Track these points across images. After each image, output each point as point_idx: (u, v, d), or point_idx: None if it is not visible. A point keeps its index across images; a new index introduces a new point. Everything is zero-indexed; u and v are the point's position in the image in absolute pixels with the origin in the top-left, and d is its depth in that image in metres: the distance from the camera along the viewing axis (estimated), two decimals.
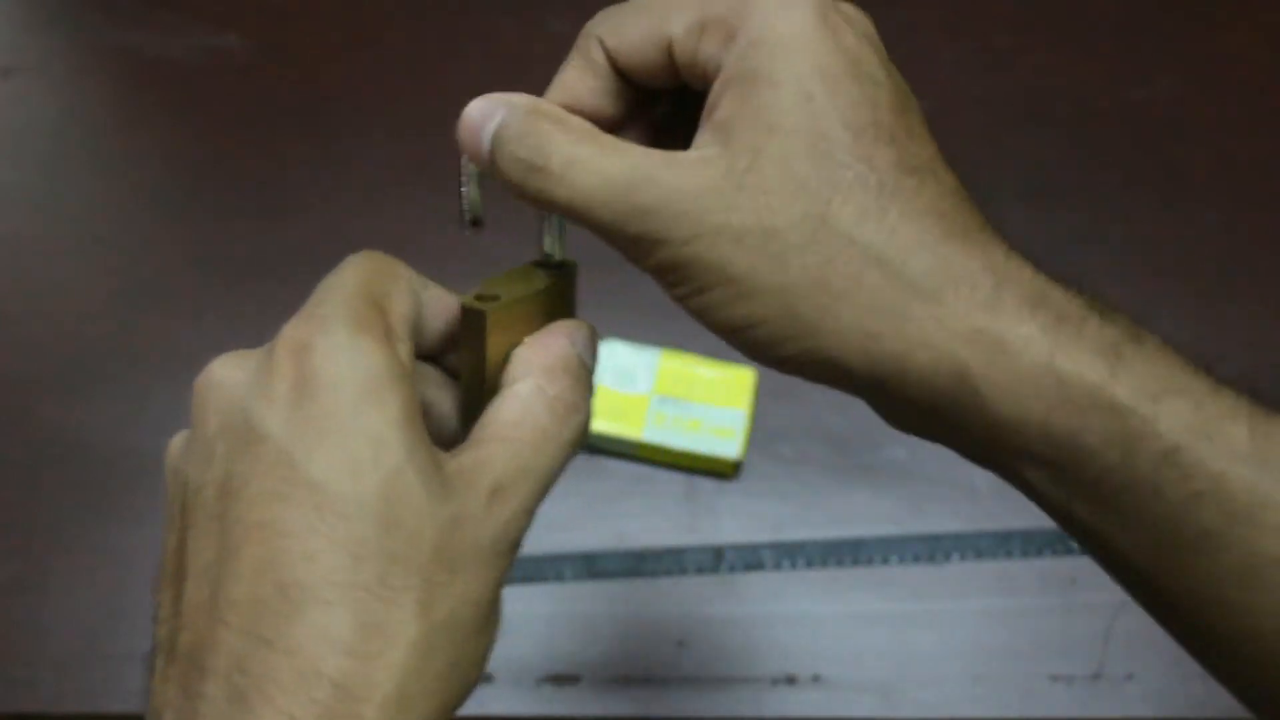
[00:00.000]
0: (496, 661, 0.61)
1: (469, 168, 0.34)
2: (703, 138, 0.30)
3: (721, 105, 0.30)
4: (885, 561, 0.63)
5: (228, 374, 0.29)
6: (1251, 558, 0.28)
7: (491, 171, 0.32)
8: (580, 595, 0.63)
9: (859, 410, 0.69)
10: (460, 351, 0.32)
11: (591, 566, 0.63)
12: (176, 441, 0.31)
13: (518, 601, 0.63)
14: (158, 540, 0.68)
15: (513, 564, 0.30)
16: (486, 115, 0.32)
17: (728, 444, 0.62)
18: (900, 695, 0.61)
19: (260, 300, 0.68)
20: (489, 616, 0.29)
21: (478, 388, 0.32)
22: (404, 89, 0.73)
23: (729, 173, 0.29)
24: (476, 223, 0.35)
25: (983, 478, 0.65)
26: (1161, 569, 0.30)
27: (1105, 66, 0.73)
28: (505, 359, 0.32)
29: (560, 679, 0.61)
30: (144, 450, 0.65)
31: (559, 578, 0.63)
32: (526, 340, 0.32)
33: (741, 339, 0.31)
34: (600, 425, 0.63)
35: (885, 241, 0.29)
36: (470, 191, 0.34)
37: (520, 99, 0.32)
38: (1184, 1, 0.74)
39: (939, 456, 0.69)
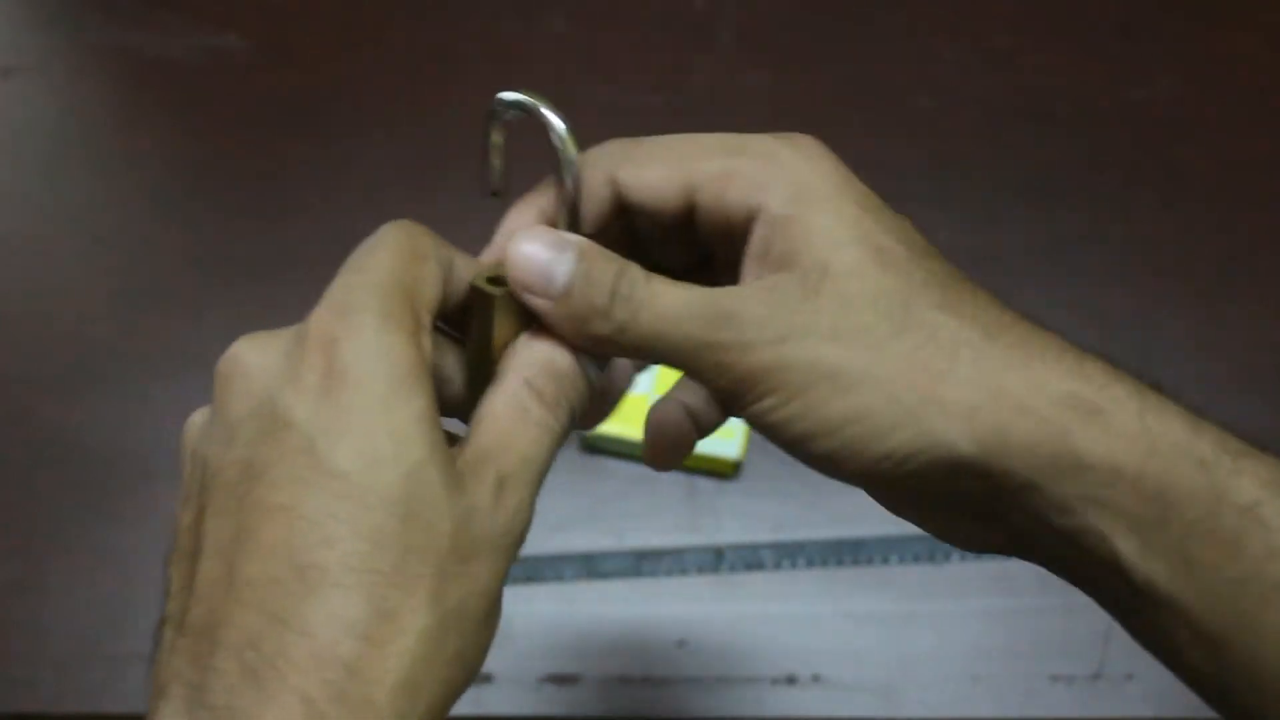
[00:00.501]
0: (496, 661, 0.61)
1: (495, 139, 0.34)
2: (761, 269, 0.31)
3: (777, 241, 0.31)
4: (885, 561, 0.63)
5: (254, 359, 0.30)
6: None
7: (555, 310, 0.32)
8: (580, 595, 0.63)
9: None
10: (470, 324, 0.33)
11: (591, 566, 0.63)
12: (196, 420, 0.32)
13: (518, 601, 0.63)
14: (158, 540, 0.68)
15: (515, 558, 0.30)
16: (552, 261, 0.31)
17: (728, 444, 0.62)
18: (900, 695, 0.61)
19: (260, 300, 0.68)
20: (494, 608, 0.29)
21: (483, 364, 0.32)
22: (404, 89, 0.73)
23: (804, 285, 0.31)
24: (498, 193, 0.35)
25: None
26: (1236, 631, 0.31)
27: (1105, 66, 0.73)
28: (512, 339, 0.32)
29: (560, 679, 0.61)
30: (144, 450, 0.65)
31: (559, 578, 0.63)
32: (527, 331, 0.32)
33: (841, 438, 0.31)
34: (601, 425, 0.63)
35: (968, 324, 0.31)
36: (496, 163, 0.35)
37: (578, 241, 0.32)
38: (1184, 1, 0.74)
39: None
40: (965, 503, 0.32)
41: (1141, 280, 0.68)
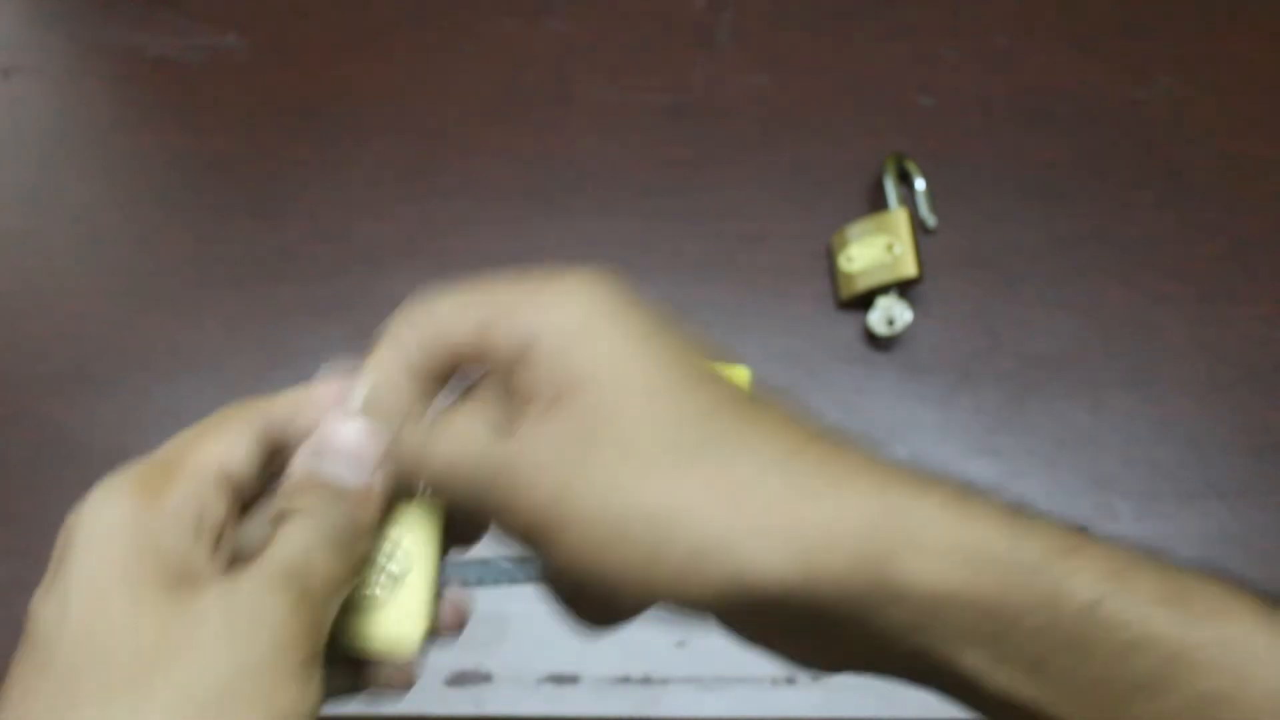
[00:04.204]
0: (496, 661, 0.61)
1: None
2: (540, 408, 0.30)
3: (552, 375, 0.30)
4: None
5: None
6: (1194, 698, 0.28)
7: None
8: None
9: (856, 409, 0.69)
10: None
11: None
12: None
13: (517, 601, 0.63)
14: None
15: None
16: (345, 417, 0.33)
17: None
18: (900, 695, 0.61)
19: (260, 300, 0.68)
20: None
21: None
22: (404, 89, 0.73)
23: (583, 424, 0.29)
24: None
25: (981, 477, 0.64)
26: None
27: (1105, 66, 0.73)
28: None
29: (560, 679, 0.61)
30: (144, 450, 0.65)
31: None
32: None
33: (647, 579, 0.29)
34: None
35: (767, 446, 0.29)
36: None
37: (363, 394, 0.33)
38: (1184, 1, 0.74)
39: (937, 456, 0.69)
40: (804, 631, 0.30)
41: (1141, 280, 0.68)
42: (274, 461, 0.34)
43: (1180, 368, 0.66)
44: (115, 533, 0.30)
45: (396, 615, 0.34)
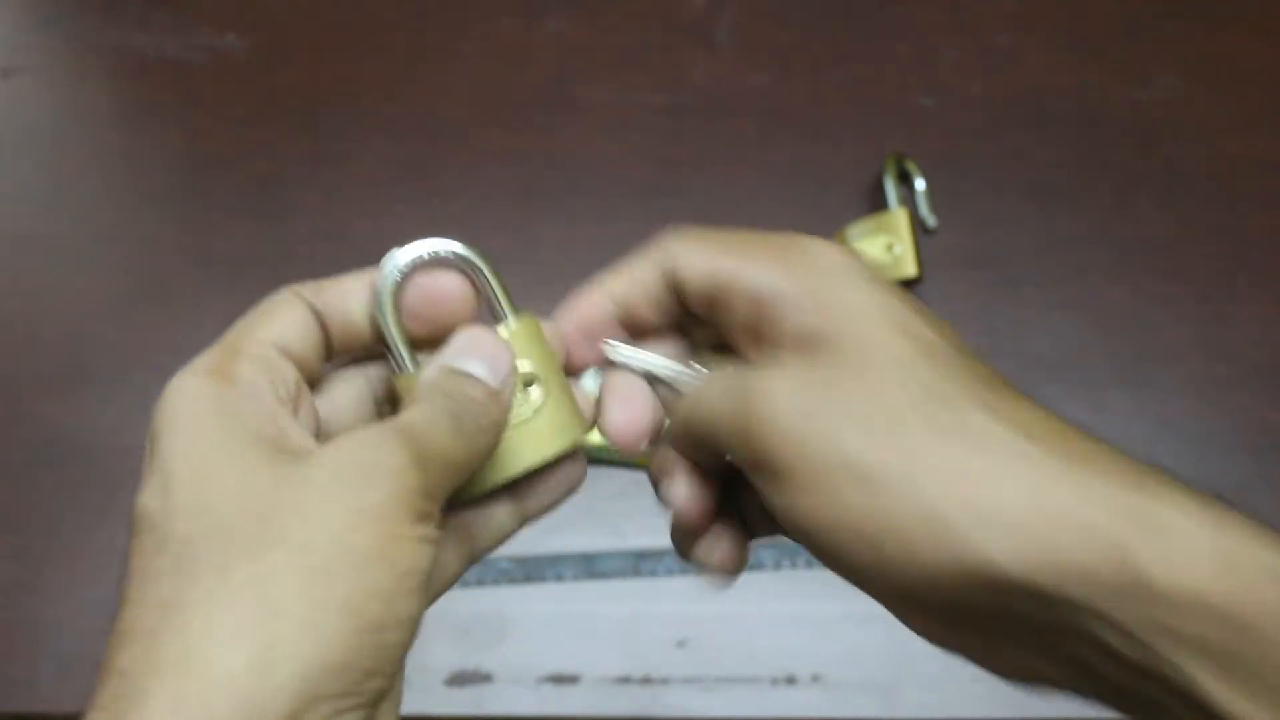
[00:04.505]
0: (496, 661, 0.61)
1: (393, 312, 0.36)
2: (786, 350, 0.30)
3: (802, 318, 0.30)
4: None
5: None
6: None
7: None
8: (580, 595, 0.63)
9: None
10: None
11: (591, 566, 0.63)
12: None
13: (518, 601, 0.63)
14: None
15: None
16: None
17: None
18: (900, 695, 0.61)
19: (260, 300, 0.68)
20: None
21: None
22: (404, 89, 0.73)
23: (841, 368, 0.29)
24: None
25: None
26: None
27: (1105, 66, 0.73)
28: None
29: (560, 679, 0.61)
30: (144, 450, 0.65)
31: (559, 578, 0.63)
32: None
33: (868, 549, 0.28)
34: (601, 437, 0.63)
35: (1014, 429, 0.28)
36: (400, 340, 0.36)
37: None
38: (1184, 1, 0.74)
39: None
40: (1013, 630, 0.29)
41: (1141, 280, 0.68)
42: (330, 345, 0.35)
43: (1180, 368, 0.66)
44: (200, 411, 0.30)
45: (557, 419, 0.35)
